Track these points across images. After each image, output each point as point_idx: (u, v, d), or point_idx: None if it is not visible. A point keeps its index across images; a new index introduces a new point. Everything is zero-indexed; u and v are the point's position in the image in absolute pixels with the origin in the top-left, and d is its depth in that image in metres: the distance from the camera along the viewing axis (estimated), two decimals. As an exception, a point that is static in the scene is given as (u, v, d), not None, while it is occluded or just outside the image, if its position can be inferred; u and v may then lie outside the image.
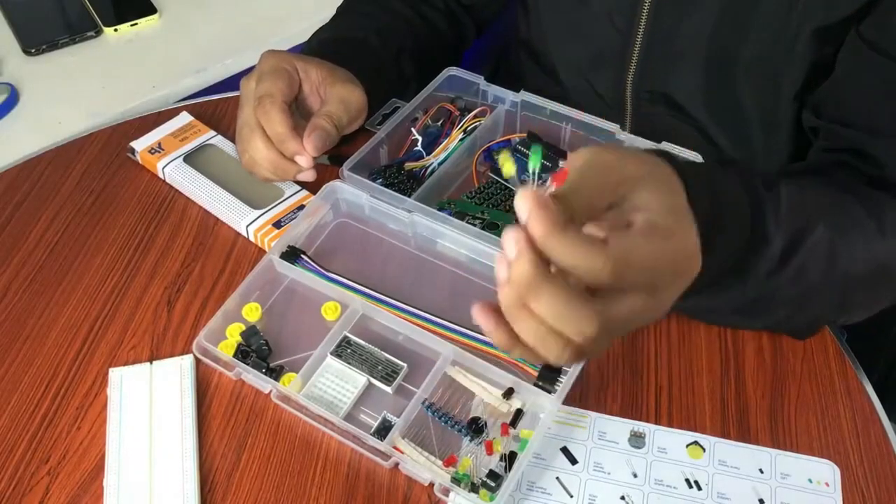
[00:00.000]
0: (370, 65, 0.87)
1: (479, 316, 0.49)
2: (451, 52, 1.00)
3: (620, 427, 0.70)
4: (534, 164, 0.47)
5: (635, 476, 0.68)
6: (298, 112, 0.82)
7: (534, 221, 0.45)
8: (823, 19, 0.74)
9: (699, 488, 0.67)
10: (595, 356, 0.49)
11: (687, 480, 0.67)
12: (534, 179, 0.46)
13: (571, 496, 0.67)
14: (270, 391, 0.71)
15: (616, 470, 0.68)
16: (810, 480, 0.67)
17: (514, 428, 0.68)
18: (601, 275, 0.46)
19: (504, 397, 0.69)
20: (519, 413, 0.69)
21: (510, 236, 0.46)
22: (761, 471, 0.68)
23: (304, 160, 0.78)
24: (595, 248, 0.46)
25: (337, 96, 0.80)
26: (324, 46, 0.89)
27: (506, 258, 0.47)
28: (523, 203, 0.45)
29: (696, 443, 0.69)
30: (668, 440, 0.70)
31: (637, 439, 0.69)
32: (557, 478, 0.67)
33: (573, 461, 0.69)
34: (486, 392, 0.70)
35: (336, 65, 0.83)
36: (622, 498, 0.67)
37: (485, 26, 1.05)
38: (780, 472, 0.68)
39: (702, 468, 0.68)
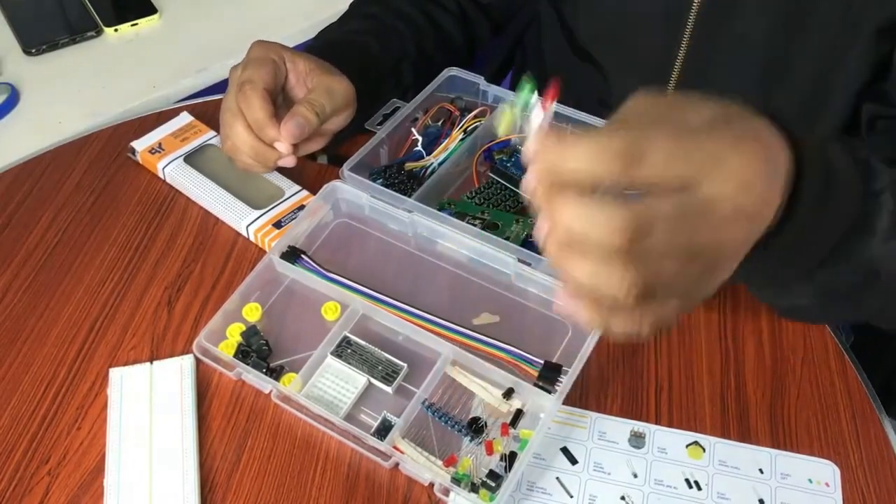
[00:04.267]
0: (367, 71, 0.87)
1: (561, 306, 0.47)
2: (460, 55, 0.99)
3: (620, 427, 0.70)
4: (525, 99, 0.44)
5: (635, 476, 0.68)
6: (285, 103, 0.82)
7: (542, 144, 0.43)
8: (883, 18, 0.74)
9: (699, 488, 0.67)
10: (668, 306, 0.46)
11: (687, 480, 0.67)
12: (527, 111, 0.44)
13: (571, 496, 0.67)
14: (271, 391, 0.71)
15: (616, 470, 0.68)
16: (810, 480, 0.67)
17: (514, 428, 0.68)
18: (617, 145, 0.42)
19: (504, 397, 0.69)
20: (519, 413, 0.69)
21: (528, 177, 0.44)
22: (761, 471, 0.68)
23: (283, 147, 0.78)
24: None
25: (322, 85, 0.80)
26: (325, 48, 0.89)
27: (534, 201, 0.45)
28: (531, 144, 0.43)
29: (696, 443, 0.69)
30: (669, 440, 0.70)
31: (637, 439, 0.69)
32: (557, 478, 0.67)
33: (573, 461, 0.68)
34: (486, 392, 0.70)
35: (334, 64, 0.83)
36: (622, 498, 0.67)
37: (501, 26, 1.04)
38: (780, 472, 0.68)
39: (702, 468, 0.68)
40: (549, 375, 0.69)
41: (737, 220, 0.47)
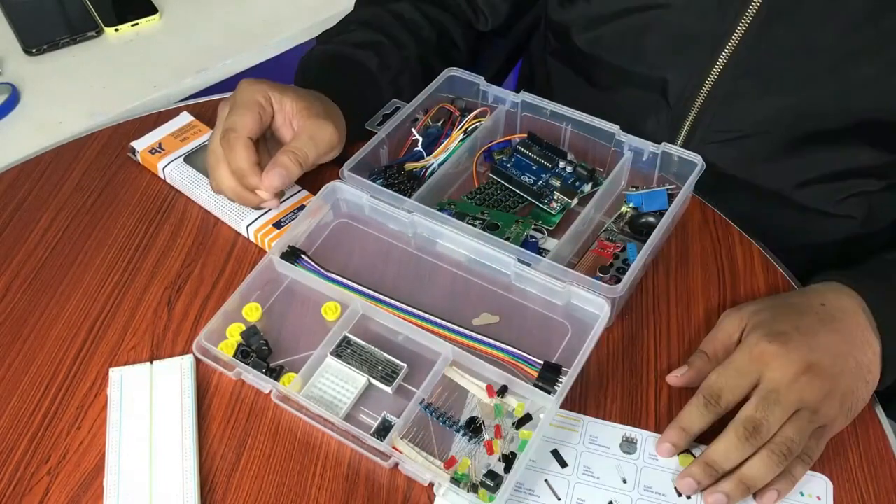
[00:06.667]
0: (364, 88, 0.88)
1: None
2: (462, 61, 0.99)
3: (613, 432, 0.70)
4: None
5: (624, 482, 0.67)
6: (272, 140, 0.83)
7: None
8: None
9: (688, 497, 0.67)
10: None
11: (676, 489, 0.67)
12: None
13: (559, 499, 0.66)
14: (270, 391, 0.71)
15: (605, 475, 0.68)
16: (802, 493, 0.67)
17: (517, 430, 0.68)
18: None
19: (499, 395, 0.69)
20: (527, 417, 0.68)
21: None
22: None
23: (264, 194, 0.79)
24: None
25: (307, 132, 0.79)
26: (323, 63, 0.90)
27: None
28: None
29: (687, 451, 0.69)
30: (661, 447, 0.69)
31: (629, 445, 0.69)
32: (546, 480, 0.67)
33: (563, 464, 0.68)
34: (485, 392, 0.70)
35: (330, 84, 0.84)
36: (610, 503, 0.66)
37: (505, 32, 1.04)
38: (771, 484, 0.67)
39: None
40: (548, 376, 0.69)
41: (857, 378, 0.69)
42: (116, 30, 1.08)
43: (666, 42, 0.85)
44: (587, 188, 0.84)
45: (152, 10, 1.10)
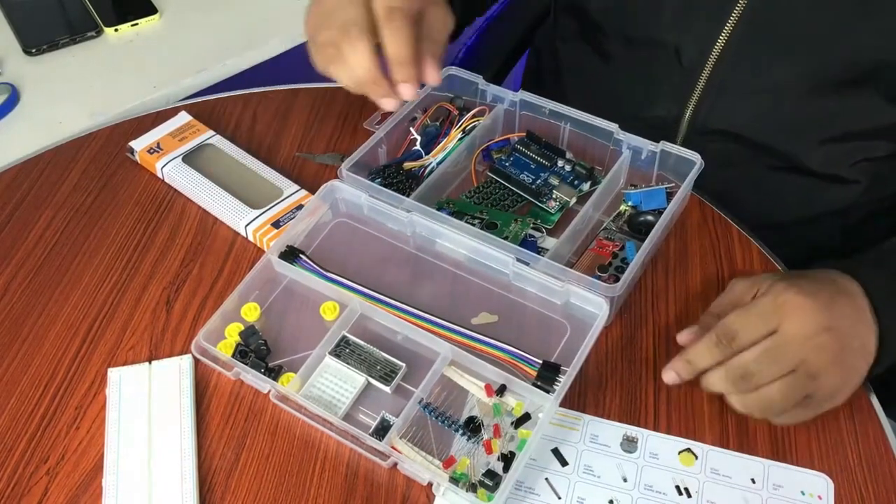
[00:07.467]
0: None
1: None
2: None
3: (613, 431, 0.70)
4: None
5: (625, 480, 0.67)
6: None
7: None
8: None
9: (689, 496, 0.66)
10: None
11: (677, 487, 0.67)
12: None
13: (560, 498, 0.66)
14: (269, 391, 0.71)
15: (606, 473, 0.68)
16: (803, 492, 0.67)
17: (516, 429, 0.68)
18: None
19: (498, 394, 0.69)
20: (526, 416, 0.68)
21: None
22: (753, 481, 0.67)
23: (410, 92, 0.73)
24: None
25: (441, 20, 0.76)
26: None
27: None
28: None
29: (688, 450, 0.69)
30: (661, 446, 0.69)
31: (629, 444, 0.69)
32: (546, 479, 0.67)
33: (563, 463, 0.68)
34: (483, 392, 0.70)
35: None
36: (610, 501, 0.66)
37: None
38: (772, 482, 0.67)
39: (693, 475, 0.68)
40: (547, 375, 0.69)
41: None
42: (116, 30, 1.08)
43: (678, 3, 0.85)
44: (586, 187, 0.84)
45: (152, 10, 1.10)
